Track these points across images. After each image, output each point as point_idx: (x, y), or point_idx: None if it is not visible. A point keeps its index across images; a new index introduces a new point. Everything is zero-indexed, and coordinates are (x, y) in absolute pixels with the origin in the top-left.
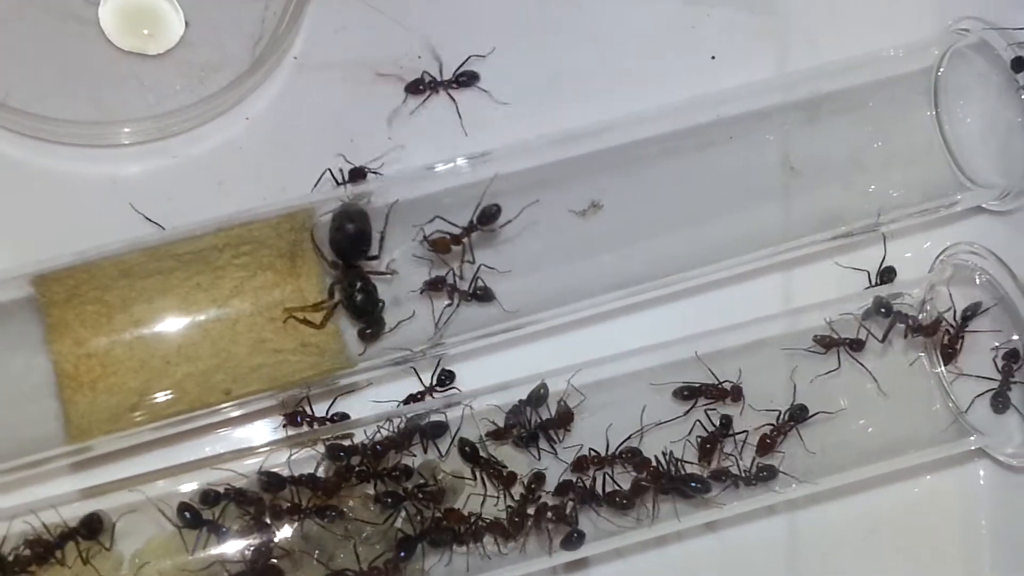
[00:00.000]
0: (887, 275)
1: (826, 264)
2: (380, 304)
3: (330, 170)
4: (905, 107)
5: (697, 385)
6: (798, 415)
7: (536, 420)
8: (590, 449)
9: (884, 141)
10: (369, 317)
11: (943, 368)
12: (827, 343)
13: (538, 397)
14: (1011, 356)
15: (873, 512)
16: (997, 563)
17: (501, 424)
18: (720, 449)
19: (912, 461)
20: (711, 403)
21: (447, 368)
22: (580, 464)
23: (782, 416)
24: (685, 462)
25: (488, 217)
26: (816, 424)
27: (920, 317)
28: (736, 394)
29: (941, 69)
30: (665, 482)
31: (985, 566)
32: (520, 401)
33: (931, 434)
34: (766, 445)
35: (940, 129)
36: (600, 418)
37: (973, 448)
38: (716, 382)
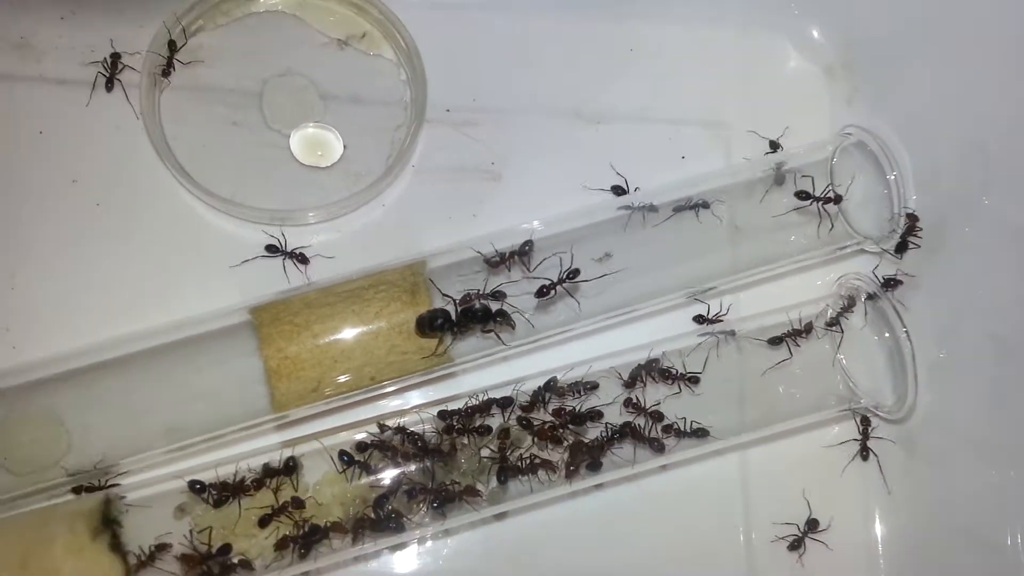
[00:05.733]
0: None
1: (763, 289)
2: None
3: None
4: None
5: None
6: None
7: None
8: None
9: (799, 208)
10: (498, 317)
11: (839, 355)
12: (776, 340)
13: (552, 385)
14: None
15: (797, 451)
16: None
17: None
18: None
19: (823, 416)
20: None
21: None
22: (541, 432)
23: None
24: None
25: (571, 275)
26: (752, 392)
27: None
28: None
29: (834, 159)
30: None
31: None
32: (539, 387)
33: (836, 397)
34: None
35: None
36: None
37: (863, 405)
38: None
